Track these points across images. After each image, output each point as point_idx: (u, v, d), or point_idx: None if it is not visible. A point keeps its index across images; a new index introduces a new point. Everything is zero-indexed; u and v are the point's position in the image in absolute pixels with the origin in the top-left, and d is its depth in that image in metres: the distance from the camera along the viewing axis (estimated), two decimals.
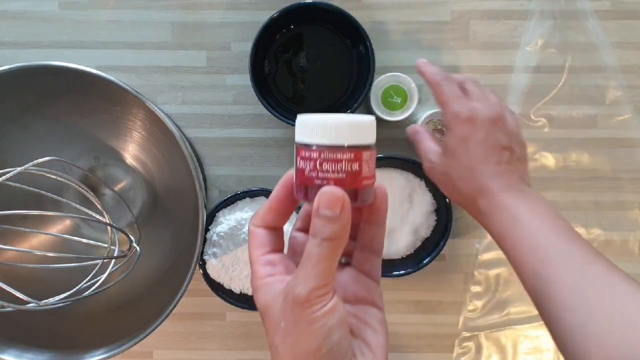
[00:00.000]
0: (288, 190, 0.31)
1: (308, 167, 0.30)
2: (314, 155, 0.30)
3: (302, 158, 0.30)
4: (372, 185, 0.31)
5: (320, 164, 0.30)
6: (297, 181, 0.31)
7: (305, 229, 0.33)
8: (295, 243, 0.33)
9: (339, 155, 0.29)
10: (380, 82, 0.55)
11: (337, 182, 0.29)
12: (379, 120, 0.48)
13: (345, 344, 0.28)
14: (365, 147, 0.30)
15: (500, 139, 0.46)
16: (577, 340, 0.36)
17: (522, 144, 0.48)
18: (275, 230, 0.32)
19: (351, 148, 0.29)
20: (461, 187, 0.46)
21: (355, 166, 0.29)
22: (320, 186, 0.29)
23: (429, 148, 0.50)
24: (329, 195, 0.28)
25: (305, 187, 0.30)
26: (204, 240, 0.57)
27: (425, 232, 0.59)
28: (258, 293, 0.30)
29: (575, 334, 0.36)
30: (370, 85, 0.55)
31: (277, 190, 0.31)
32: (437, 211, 0.58)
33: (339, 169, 0.29)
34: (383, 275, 0.57)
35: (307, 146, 0.30)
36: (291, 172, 0.31)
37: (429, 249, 0.58)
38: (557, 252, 0.40)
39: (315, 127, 0.30)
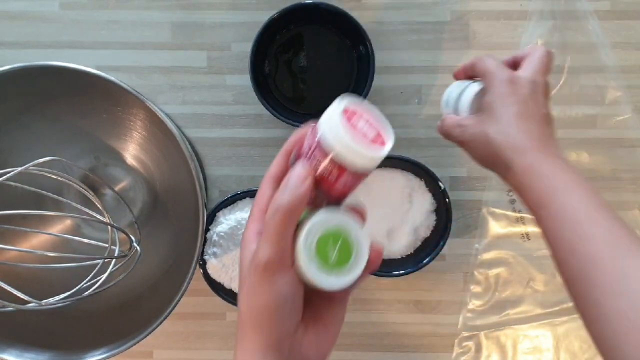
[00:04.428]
0: (297, 143, 0.35)
1: (308, 146, 0.33)
2: (313, 142, 0.33)
3: (311, 136, 0.33)
4: (339, 197, 0.34)
5: (313, 151, 0.33)
6: (298, 146, 0.35)
7: None
8: None
9: (324, 157, 0.32)
10: (315, 227, 0.33)
11: (314, 174, 0.32)
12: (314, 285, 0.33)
13: (295, 316, 0.33)
14: (353, 171, 0.32)
15: (542, 102, 0.43)
16: (615, 327, 0.35)
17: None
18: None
19: (335, 162, 0.32)
20: (495, 144, 0.42)
21: (335, 177, 0.32)
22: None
23: (454, 120, 0.46)
24: (297, 170, 0.32)
25: (295, 157, 0.34)
26: (204, 240, 0.57)
27: (425, 231, 0.59)
28: (242, 250, 0.34)
29: (614, 321, 0.35)
30: (371, 85, 0.54)
31: (288, 141, 0.35)
32: (437, 211, 0.59)
33: (319, 164, 0.32)
34: (383, 275, 0.58)
35: (317, 132, 0.33)
36: (305, 129, 0.35)
37: (428, 249, 0.58)
38: (600, 232, 0.37)
39: (332, 127, 0.32)
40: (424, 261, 0.57)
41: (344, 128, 0.32)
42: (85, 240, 0.50)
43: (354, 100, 0.34)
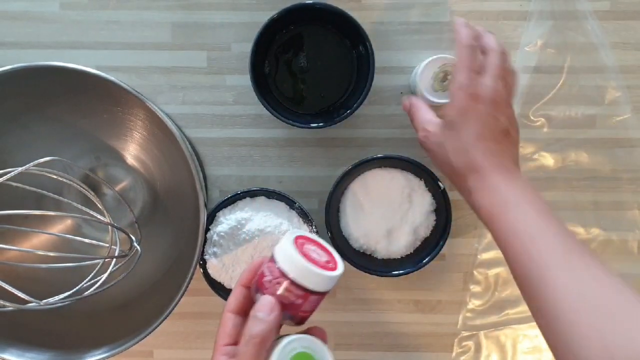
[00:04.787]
0: (253, 275, 0.39)
1: (269, 276, 0.37)
2: (275, 272, 0.37)
3: (269, 267, 0.37)
4: (304, 318, 0.38)
5: (277, 280, 0.37)
6: (257, 277, 0.38)
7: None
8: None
9: (287, 284, 0.36)
10: (283, 353, 0.37)
11: (280, 300, 0.36)
12: None
13: None
14: (314, 292, 0.37)
15: (500, 119, 0.46)
16: (572, 337, 0.37)
17: (517, 130, 0.49)
18: (245, 317, 0.37)
19: (299, 287, 0.36)
20: (454, 161, 0.47)
21: (299, 300, 0.37)
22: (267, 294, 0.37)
23: (426, 118, 0.51)
24: (265, 301, 0.36)
25: (257, 288, 0.38)
26: (205, 240, 0.57)
27: (425, 231, 0.59)
28: None
29: (570, 330, 0.37)
30: (371, 85, 0.54)
31: (244, 275, 0.39)
32: (437, 211, 0.59)
33: (283, 291, 0.37)
34: (383, 275, 0.58)
35: (275, 262, 0.37)
36: (258, 262, 0.39)
37: (428, 249, 0.58)
38: (543, 239, 0.41)
39: (289, 257, 0.37)
40: (424, 261, 0.58)
41: (300, 256, 0.36)
42: (86, 240, 0.50)
43: (301, 232, 0.40)
